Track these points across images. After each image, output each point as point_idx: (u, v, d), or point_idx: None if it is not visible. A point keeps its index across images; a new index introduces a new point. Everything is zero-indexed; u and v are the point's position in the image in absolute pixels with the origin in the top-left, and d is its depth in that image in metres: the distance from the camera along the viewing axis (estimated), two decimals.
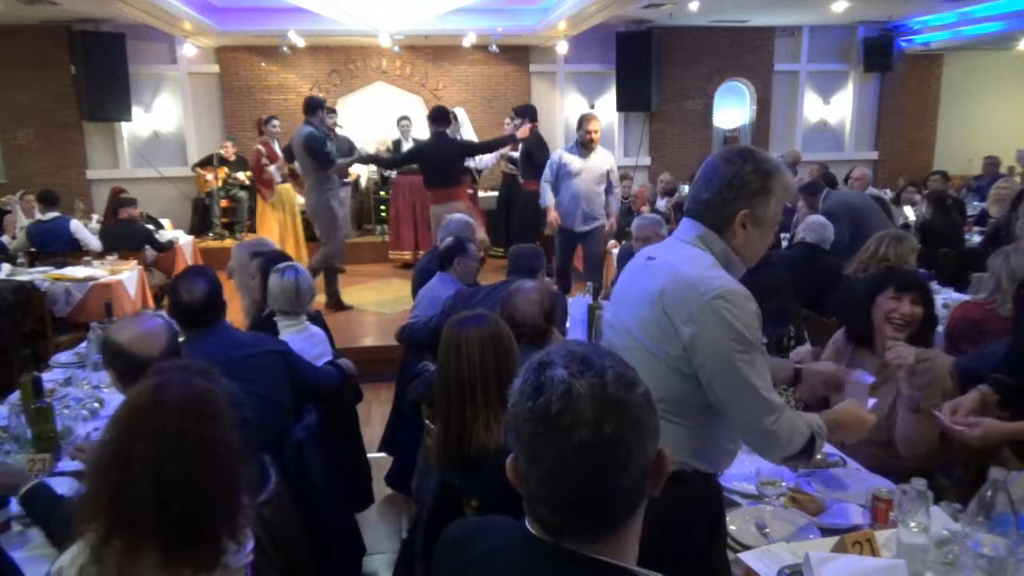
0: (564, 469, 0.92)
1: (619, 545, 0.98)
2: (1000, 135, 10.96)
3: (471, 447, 2.03)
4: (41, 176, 9.19)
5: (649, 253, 1.83)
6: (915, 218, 7.01)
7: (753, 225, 1.73)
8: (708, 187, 1.74)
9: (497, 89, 10.55)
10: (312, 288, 3.26)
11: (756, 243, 1.76)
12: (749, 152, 1.75)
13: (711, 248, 1.73)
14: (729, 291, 1.63)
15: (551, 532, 0.97)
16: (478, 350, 2.07)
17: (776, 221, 1.78)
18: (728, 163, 1.73)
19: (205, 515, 1.28)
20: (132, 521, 1.24)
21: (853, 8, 8.97)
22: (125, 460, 1.26)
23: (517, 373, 1.01)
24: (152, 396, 1.33)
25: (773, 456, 1.73)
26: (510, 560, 1.04)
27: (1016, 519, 1.56)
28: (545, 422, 0.92)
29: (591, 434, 0.90)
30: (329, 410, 3.01)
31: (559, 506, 0.95)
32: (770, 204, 1.73)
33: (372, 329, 6.42)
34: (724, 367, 1.63)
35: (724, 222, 1.73)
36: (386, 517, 3.70)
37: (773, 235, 1.83)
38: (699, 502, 1.73)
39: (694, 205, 1.78)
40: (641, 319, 1.72)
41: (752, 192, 1.70)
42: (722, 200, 1.72)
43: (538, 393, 0.93)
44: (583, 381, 0.92)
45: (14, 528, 2.01)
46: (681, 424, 1.71)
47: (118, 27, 9.19)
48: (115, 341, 2.12)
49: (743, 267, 1.78)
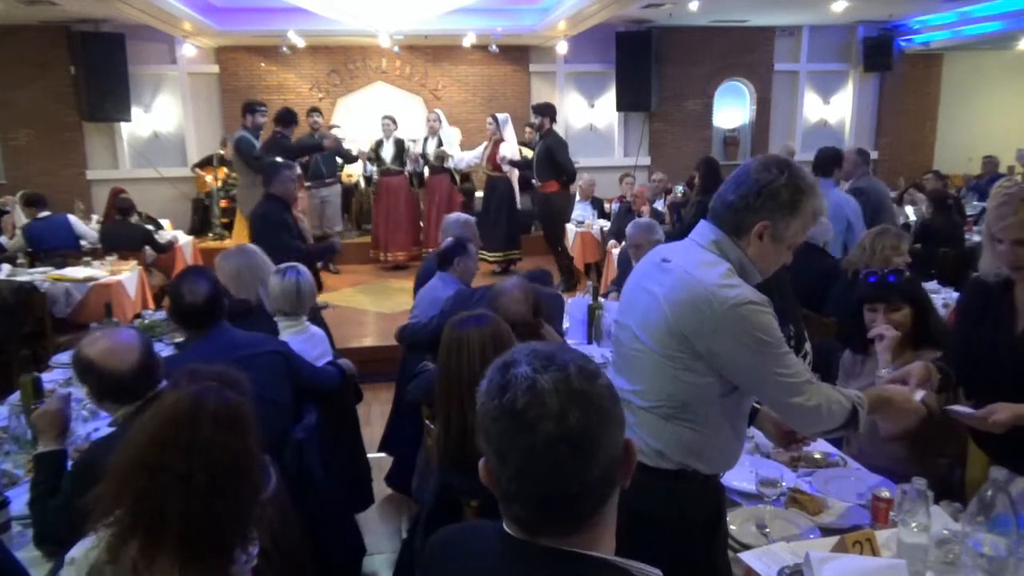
0: (534, 463, 0.93)
1: (594, 538, 0.99)
2: (1000, 135, 10.96)
3: (471, 447, 2.03)
4: (41, 176, 9.18)
5: (664, 255, 1.79)
6: (915, 218, 7.02)
7: (771, 239, 1.70)
8: (737, 190, 1.71)
9: (497, 89, 10.55)
10: (313, 289, 3.26)
11: (770, 257, 1.73)
12: (787, 164, 1.71)
13: (727, 255, 1.71)
14: (748, 299, 1.62)
15: (528, 530, 0.98)
16: (479, 350, 2.07)
17: (795, 242, 1.74)
18: (764, 170, 1.69)
19: (226, 527, 1.30)
20: (155, 527, 1.25)
21: (853, 8, 8.97)
22: (157, 468, 1.27)
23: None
24: (191, 407, 1.34)
25: (817, 430, 1.79)
26: (486, 563, 1.04)
27: (1016, 519, 1.56)
28: (512, 418, 0.93)
29: (557, 426, 0.92)
30: (329, 410, 3.01)
31: (532, 502, 0.96)
32: (793, 222, 1.69)
33: (372, 329, 6.42)
34: (751, 370, 1.65)
35: (743, 228, 1.70)
36: (386, 517, 3.70)
37: (790, 255, 1.78)
38: (698, 502, 1.73)
39: (718, 206, 1.75)
40: (650, 322, 1.71)
41: (779, 205, 1.67)
42: (746, 205, 1.69)
43: (503, 391, 0.95)
44: (547, 376, 0.94)
45: (14, 528, 2.01)
46: (686, 426, 1.71)
47: (118, 27, 9.18)
48: (85, 356, 2.00)
49: (758, 276, 1.74)
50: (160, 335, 3.87)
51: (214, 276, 2.71)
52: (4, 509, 1.98)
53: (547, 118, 7.31)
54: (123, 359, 1.99)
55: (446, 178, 8.48)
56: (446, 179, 8.48)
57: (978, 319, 2.20)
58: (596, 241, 8.01)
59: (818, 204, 1.73)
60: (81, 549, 1.34)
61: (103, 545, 1.28)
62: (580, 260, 8.12)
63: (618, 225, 7.57)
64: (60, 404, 2.11)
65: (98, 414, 2.83)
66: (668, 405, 1.71)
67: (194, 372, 1.47)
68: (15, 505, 2.06)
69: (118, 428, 2.00)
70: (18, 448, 2.52)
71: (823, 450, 2.39)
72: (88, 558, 1.31)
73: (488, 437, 0.96)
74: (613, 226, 7.70)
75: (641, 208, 7.42)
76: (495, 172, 8.23)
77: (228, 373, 1.51)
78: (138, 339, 2.06)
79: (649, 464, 1.72)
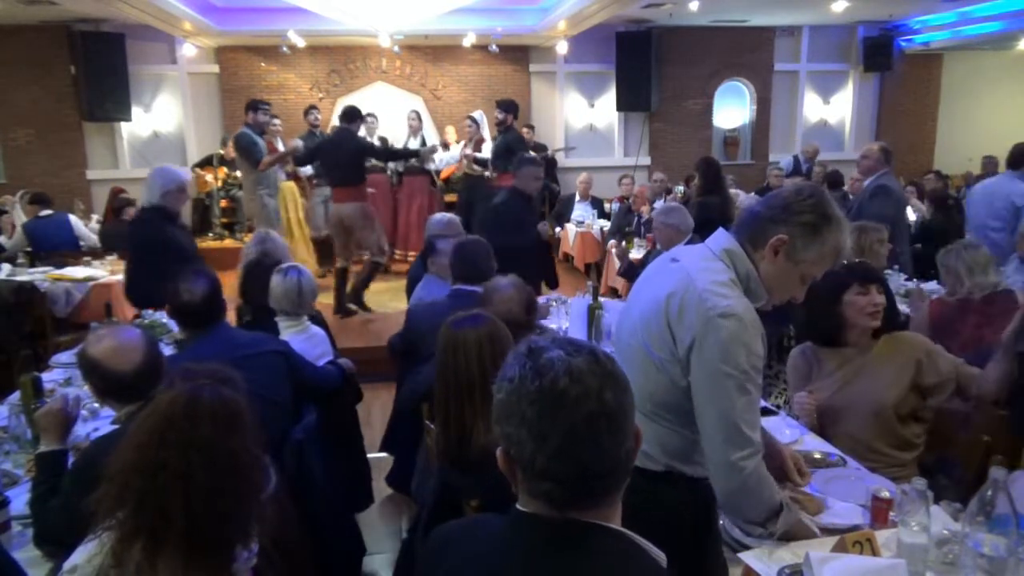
0: (575, 441, 0.98)
1: (611, 514, 1.05)
2: (1000, 135, 10.92)
3: (471, 447, 2.03)
4: (41, 176, 9.19)
5: (675, 254, 1.80)
6: (915, 218, 7.02)
7: (786, 258, 1.66)
8: (767, 203, 1.72)
9: (497, 89, 10.53)
10: (314, 289, 3.25)
11: (782, 279, 1.69)
12: (821, 194, 1.70)
13: (736, 266, 1.68)
14: (736, 312, 1.59)
15: (556, 505, 1.02)
16: (475, 350, 2.07)
17: (810, 273, 1.70)
18: (797, 192, 1.70)
19: (228, 525, 1.30)
20: (158, 528, 1.25)
21: (853, 8, 8.97)
22: (156, 467, 1.27)
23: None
24: (186, 406, 1.34)
25: (734, 502, 1.67)
26: (496, 543, 1.07)
27: (1016, 519, 1.56)
28: (553, 399, 0.98)
29: (597, 404, 0.98)
30: (329, 410, 3.01)
31: (570, 479, 1.00)
32: (812, 246, 1.65)
33: (372, 329, 6.41)
34: (711, 385, 1.61)
35: (761, 239, 1.68)
36: (386, 517, 3.70)
37: (803, 290, 1.73)
38: (684, 504, 1.73)
39: (743, 215, 1.75)
40: (646, 320, 1.72)
41: (801, 222, 1.65)
42: (770, 215, 1.68)
43: (540, 374, 0.99)
44: (579, 358, 1.00)
45: (14, 528, 2.01)
46: (672, 428, 1.71)
47: (118, 27, 9.19)
48: (89, 355, 2.00)
49: (765, 296, 1.70)
50: (160, 335, 3.87)
51: (213, 275, 2.71)
52: (4, 509, 1.97)
53: (510, 114, 7.28)
54: (127, 359, 1.99)
55: (426, 179, 8.49)
56: (426, 180, 8.49)
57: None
58: (596, 241, 8.02)
59: (842, 241, 1.69)
60: (83, 555, 1.33)
61: (107, 551, 1.27)
62: (580, 260, 8.13)
63: (618, 225, 7.58)
64: (64, 404, 2.11)
65: (99, 414, 2.84)
66: (651, 404, 1.72)
67: (188, 371, 1.47)
68: (15, 505, 2.06)
69: (121, 427, 2.01)
70: (18, 448, 2.52)
71: (823, 450, 2.39)
72: (92, 564, 1.30)
73: (523, 420, 0.99)
74: (613, 226, 7.70)
75: (641, 208, 7.43)
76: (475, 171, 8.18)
77: (222, 371, 1.51)
78: (143, 339, 2.06)
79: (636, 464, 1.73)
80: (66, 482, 1.92)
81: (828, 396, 2.53)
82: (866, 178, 5.11)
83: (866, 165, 5.06)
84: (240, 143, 6.40)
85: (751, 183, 9.51)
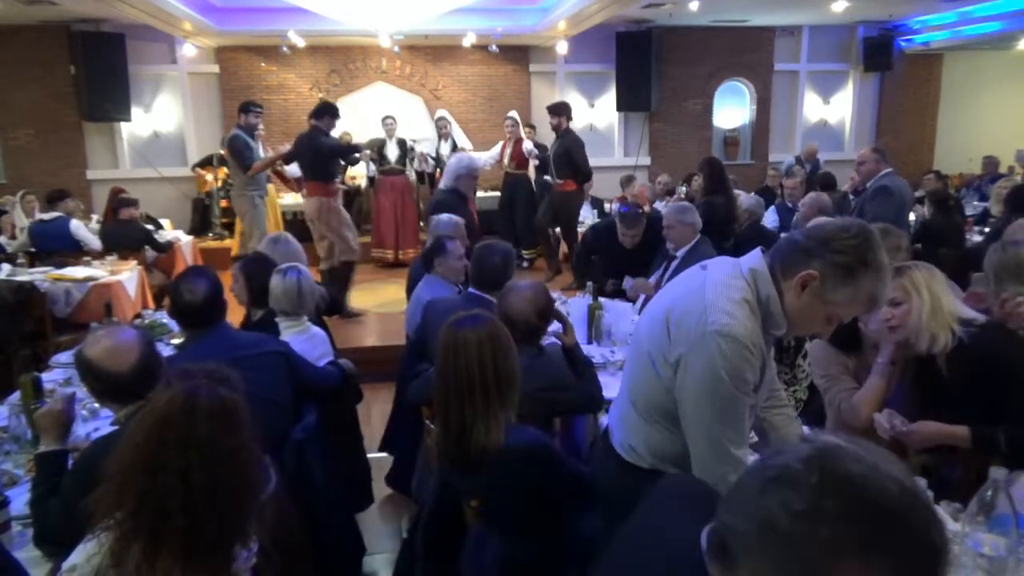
0: None
1: None
2: (1000, 135, 10.96)
3: (471, 447, 2.02)
4: (41, 176, 9.18)
5: (707, 262, 1.77)
6: (915, 218, 7.01)
7: (813, 295, 1.55)
8: (809, 231, 1.61)
9: (497, 89, 10.54)
10: (314, 289, 3.25)
11: (805, 314, 1.59)
12: (869, 235, 1.56)
13: (758, 288, 1.61)
14: (733, 333, 1.55)
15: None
16: (476, 351, 2.06)
17: (837, 315, 1.59)
18: (843, 228, 1.57)
19: (227, 523, 1.30)
20: (157, 527, 1.25)
21: (853, 8, 8.97)
22: (155, 467, 1.27)
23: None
24: (183, 405, 1.34)
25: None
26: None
27: (1016, 519, 1.56)
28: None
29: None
30: (329, 410, 3.00)
31: None
32: (843, 289, 1.53)
33: (372, 329, 6.41)
34: (697, 401, 1.60)
35: (791, 269, 1.58)
36: (386, 517, 3.70)
37: (828, 330, 1.65)
38: None
39: (783, 241, 1.66)
40: (653, 324, 1.73)
41: (836, 262, 1.53)
42: (807, 247, 1.57)
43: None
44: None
45: (14, 528, 2.01)
46: (657, 428, 1.74)
47: (118, 27, 9.18)
48: (85, 356, 2.00)
49: (783, 327, 1.62)
50: (160, 335, 3.87)
51: (214, 276, 2.71)
52: (4, 509, 1.97)
53: (563, 117, 7.27)
54: (123, 360, 1.98)
55: (404, 179, 8.62)
56: (405, 179, 8.64)
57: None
58: None
59: (879, 291, 1.56)
60: (82, 555, 1.33)
61: (106, 550, 1.27)
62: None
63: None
64: (64, 404, 2.11)
65: (98, 414, 2.84)
66: (643, 402, 1.74)
67: (184, 371, 1.47)
68: (15, 505, 2.06)
69: (120, 427, 2.01)
70: (18, 448, 2.52)
71: None
72: (91, 563, 1.30)
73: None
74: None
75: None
76: (518, 170, 8.36)
77: (219, 370, 1.51)
78: (139, 339, 2.05)
79: (625, 458, 1.77)
80: (66, 482, 1.92)
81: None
82: (868, 181, 5.09)
83: (866, 169, 5.02)
84: (234, 146, 6.37)
85: (751, 183, 9.50)
